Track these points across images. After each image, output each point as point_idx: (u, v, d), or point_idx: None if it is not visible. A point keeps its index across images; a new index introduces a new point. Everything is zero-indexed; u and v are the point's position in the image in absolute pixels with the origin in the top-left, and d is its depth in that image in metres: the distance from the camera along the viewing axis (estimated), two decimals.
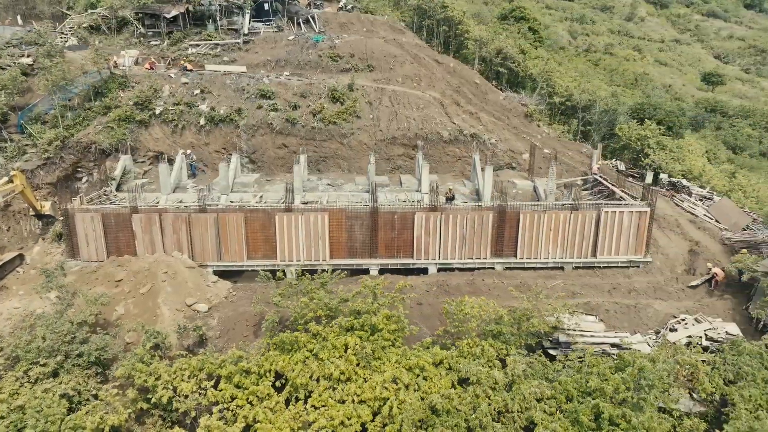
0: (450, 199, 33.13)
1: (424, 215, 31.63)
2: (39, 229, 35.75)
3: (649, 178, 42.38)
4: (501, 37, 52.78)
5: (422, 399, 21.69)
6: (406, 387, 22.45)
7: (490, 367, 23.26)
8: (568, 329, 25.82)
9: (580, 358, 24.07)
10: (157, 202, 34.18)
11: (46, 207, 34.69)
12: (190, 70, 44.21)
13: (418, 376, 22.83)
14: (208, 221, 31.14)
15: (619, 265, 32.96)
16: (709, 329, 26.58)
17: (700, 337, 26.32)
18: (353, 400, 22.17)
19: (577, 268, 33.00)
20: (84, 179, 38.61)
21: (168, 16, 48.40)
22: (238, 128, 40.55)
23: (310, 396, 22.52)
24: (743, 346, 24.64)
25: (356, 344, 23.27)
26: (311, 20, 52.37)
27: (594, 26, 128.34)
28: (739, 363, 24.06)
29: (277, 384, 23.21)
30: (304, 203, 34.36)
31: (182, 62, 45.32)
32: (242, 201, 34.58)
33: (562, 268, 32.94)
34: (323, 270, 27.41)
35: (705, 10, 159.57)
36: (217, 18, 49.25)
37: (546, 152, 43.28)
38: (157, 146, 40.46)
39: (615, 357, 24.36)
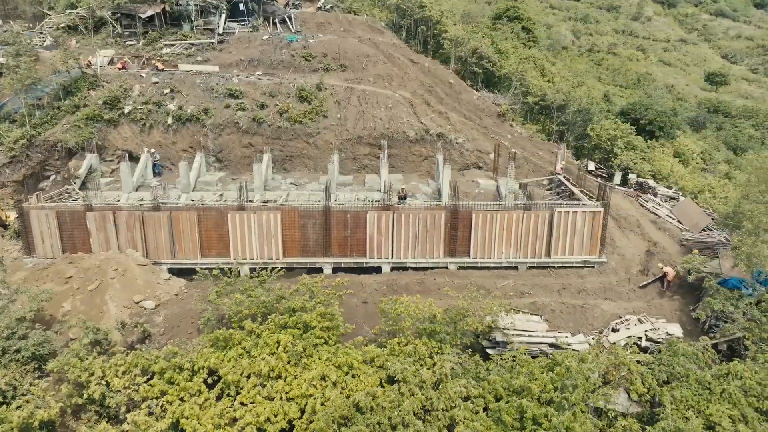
0: (402, 198, 33.23)
1: (376, 214, 31.75)
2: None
3: (617, 178, 42.43)
4: (477, 36, 52.71)
5: (348, 397, 21.83)
6: (334, 384, 22.61)
7: (421, 365, 23.38)
8: (506, 329, 25.83)
9: (513, 357, 24.12)
10: (118, 200, 34.60)
11: (11, 218, 35.12)
12: (162, 70, 44.59)
13: (347, 373, 22.99)
14: (162, 219, 31.45)
15: (574, 265, 32.90)
16: (650, 330, 26.51)
17: (640, 338, 26.26)
18: (281, 397, 22.37)
19: (531, 267, 32.98)
20: (52, 177, 39.11)
21: (143, 16, 48.79)
22: (204, 127, 40.88)
23: (240, 393, 22.74)
24: (678, 346, 24.57)
25: (288, 342, 23.47)
26: (287, 20, 52.60)
27: (598, 26, 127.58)
28: (672, 364, 23.99)
29: (210, 381, 23.44)
30: (264, 202, 34.74)
31: (154, 62, 45.72)
32: (203, 199, 34.95)
33: (516, 268, 32.94)
34: (265, 268, 27.61)
35: (713, 9, 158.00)
36: (193, 18, 49.55)
37: (514, 152, 43.19)
38: (125, 145, 40.85)
39: (551, 357, 24.39)
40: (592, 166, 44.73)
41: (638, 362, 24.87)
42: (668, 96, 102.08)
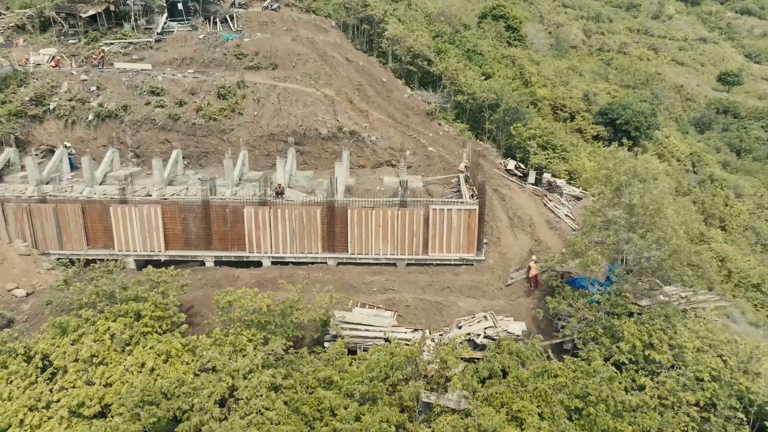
0: (280, 193, 33.78)
1: (253, 209, 32.44)
2: None
3: (531, 177, 42.36)
4: (413, 35, 52.84)
5: (155, 382, 22.60)
6: (152, 371, 23.43)
7: (243, 355, 24.05)
8: (344, 322, 26.29)
9: (334, 350, 24.56)
10: (23, 193, 36.03)
11: None
12: (98, 64, 46.06)
13: (165, 361, 23.77)
14: (48, 211, 32.68)
15: (452, 263, 33.06)
16: (489, 327, 26.63)
17: (478, 335, 26.41)
18: (100, 383, 23.28)
19: (410, 264, 33.25)
20: None
21: (84, 15, 50.36)
22: (123, 123, 42.14)
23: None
24: (504, 344, 24.65)
25: (117, 329, 24.36)
26: (229, 19, 53.60)
27: (610, 25, 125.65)
28: (493, 361, 24.09)
29: (42, 365, 24.47)
30: (163, 197, 35.77)
31: (99, 53, 47.11)
32: (105, 193, 36.16)
33: (394, 265, 33.25)
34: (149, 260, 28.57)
35: (739, 7, 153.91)
36: (133, 18, 50.96)
37: (430, 150, 43.48)
38: (50, 140, 42.41)
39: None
40: (512, 165, 44.66)
41: (468, 359, 25.12)
42: (675, 96, 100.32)
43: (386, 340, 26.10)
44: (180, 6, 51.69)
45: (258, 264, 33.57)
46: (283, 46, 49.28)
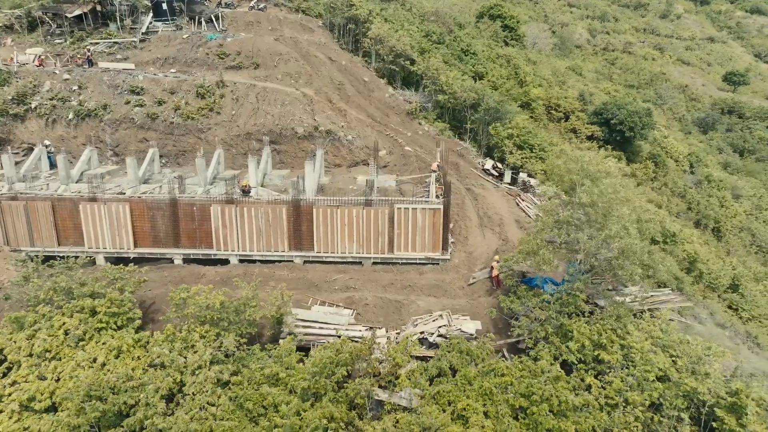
0: (246, 192, 33.98)
1: (219, 207, 32.72)
2: None
3: (507, 177, 42.36)
4: (396, 35, 52.92)
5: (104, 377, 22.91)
6: (102, 366, 23.75)
7: (194, 351, 24.29)
8: (300, 320, 26.49)
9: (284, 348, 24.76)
10: None
11: None
12: (82, 64, 46.61)
13: (117, 357, 24.07)
14: (18, 208, 33.15)
15: (418, 262, 33.15)
16: (443, 326, 26.69)
17: (432, 333, 26.49)
18: (52, 377, 23.63)
19: (376, 263, 33.38)
20: None
21: (70, 15, 50.91)
22: (102, 122, 42.61)
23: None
24: (455, 342, 24.73)
25: (72, 325, 24.70)
26: (214, 19, 53.95)
27: (616, 24, 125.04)
28: (442, 360, 24.17)
29: None
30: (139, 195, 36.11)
31: (86, 53, 47.69)
32: (80, 191, 36.57)
33: (360, 263, 33.39)
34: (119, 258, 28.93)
35: (749, 6, 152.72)
36: (118, 18, 51.48)
37: (407, 149, 43.57)
38: (31, 139, 42.97)
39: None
40: (489, 164, 44.68)
41: (420, 357, 25.24)
42: (679, 96, 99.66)
43: (340, 337, 26.25)
44: (165, 6, 52.10)
45: (226, 262, 33.83)
46: (265, 46, 49.55)
